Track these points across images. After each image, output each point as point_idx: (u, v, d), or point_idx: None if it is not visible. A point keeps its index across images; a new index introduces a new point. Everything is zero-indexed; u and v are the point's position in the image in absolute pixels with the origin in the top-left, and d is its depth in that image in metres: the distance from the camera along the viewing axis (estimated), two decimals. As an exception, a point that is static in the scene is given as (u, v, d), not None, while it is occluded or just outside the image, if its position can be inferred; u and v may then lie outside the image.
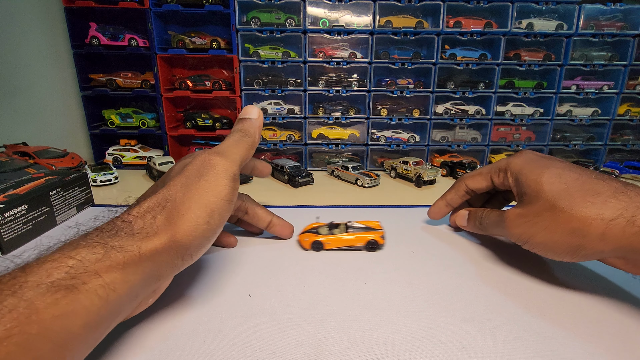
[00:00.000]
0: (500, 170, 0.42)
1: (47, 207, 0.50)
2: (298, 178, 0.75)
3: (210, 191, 0.28)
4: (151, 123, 0.93)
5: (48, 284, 0.20)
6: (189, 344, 0.28)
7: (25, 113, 0.97)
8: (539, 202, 0.34)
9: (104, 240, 0.23)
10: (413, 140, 0.95)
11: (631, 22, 0.90)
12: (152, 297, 0.29)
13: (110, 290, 0.22)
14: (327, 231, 0.45)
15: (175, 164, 0.34)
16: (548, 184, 0.34)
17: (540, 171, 0.35)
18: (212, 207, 0.28)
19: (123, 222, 0.26)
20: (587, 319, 0.31)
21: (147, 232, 0.25)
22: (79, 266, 0.21)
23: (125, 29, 0.87)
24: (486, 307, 0.33)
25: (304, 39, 0.87)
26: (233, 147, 0.32)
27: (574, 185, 0.32)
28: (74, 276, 0.21)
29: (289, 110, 0.93)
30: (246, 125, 0.35)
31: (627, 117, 0.96)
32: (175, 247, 0.26)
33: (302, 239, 0.45)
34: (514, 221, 0.36)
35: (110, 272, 0.22)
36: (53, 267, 0.21)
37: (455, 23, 0.88)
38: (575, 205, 0.31)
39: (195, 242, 0.27)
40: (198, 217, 0.27)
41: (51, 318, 0.19)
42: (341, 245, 0.44)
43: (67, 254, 0.22)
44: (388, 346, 0.28)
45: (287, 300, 0.34)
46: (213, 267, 0.40)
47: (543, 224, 0.33)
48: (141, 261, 0.24)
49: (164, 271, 0.27)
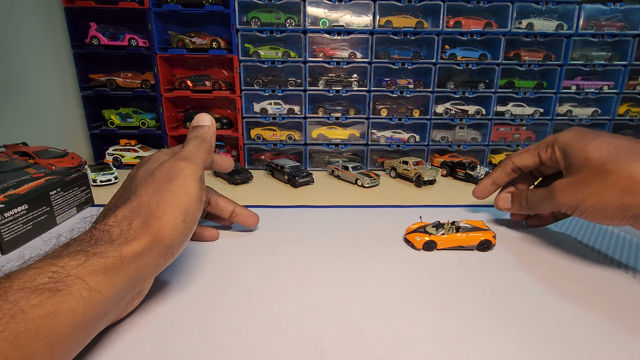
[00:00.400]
0: (548, 145, 0.42)
1: (47, 207, 0.50)
2: (298, 178, 0.75)
3: (182, 192, 0.31)
4: (151, 123, 0.93)
5: (32, 288, 0.21)
6: (189, 344, 0.28)
7: (25, 113, 0.97)
8: (587, 169, 0.35)
9: (84, 248, 0.25)
10: (413, 140, 0.95)
11: (631, 22, 0.90)
12: (137, 299, 0.30)
13: (94, 292, 0.23)
14: (435, 231, 0.45)
15: (137, 170, 0.36)
16: (596, 151, 0.35)
17: (588, 141, 0.36)
18: (186, 206, 0.30)
19: (100, 231, 0.27)
20: (587, 319, 0.31)
21: (126, 238, 0.27)
22: (61, 272, 0.22)
23: (125, 29, 0.87)
24: (486, 307, 0.33)
25: (304, 39, 0.87)
26: (195, 152, 0.35)
27: (622, 149, 0.33)
28: (58, 280, 0.22)
29: (289, 110, 0.93)
30: (202, 132, 0.38)
31: (627, 117, 0.96)
32: (157, 247, 0.28)
33: (413, 238, 0.44)
34: (563, 189, 0.37)
35: (93, 276, 0.23)
36: (36, 273, 0.22)
37: (455, 23, 0.88)
38: (624, 166, 0.32)
39: (176, 240, 0.30)
40: (175, 217, 0.29)
41: (37, 317, 0.20)
42: (454, 245, 0.44)
43: (49, 261, 0.23)
44: (388, 346, 0.28)
45: (287, 300, 0.34)
46: (213, 267, 0.40)
47: (592, 188, 0.34)
48: (123, 264, 0.25)
49: (148, 272, 0.28)
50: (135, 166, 0.37)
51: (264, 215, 0.51)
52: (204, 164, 0.35)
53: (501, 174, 0.48)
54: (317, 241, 0.47)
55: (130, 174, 0.37)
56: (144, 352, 0.27)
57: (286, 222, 0.53)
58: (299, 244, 0.46)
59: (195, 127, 0.38)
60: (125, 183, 0.37)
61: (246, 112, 0.93)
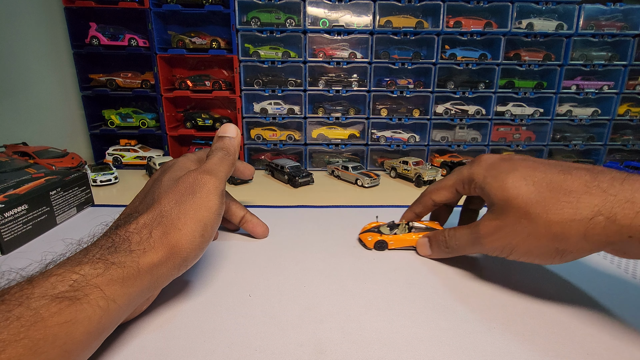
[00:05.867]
0: (464, 182, 0.39)
1: (47, 207, 0.50)
2: (298, 178, 0.75)
3: (204, 207, 0.31)
4: (151, 123, 0.93)
5: (53, 296, 0.21)
6: (189, 344, 0.28)
7: (25, 113, 0.97)
8: (512, 211, 0.32)
9: (104, 257, 0.25)
10: (413, 140, 0.95)
11: (631, 22, 0.90)
12: (146, 304, 0.31)
13: (110, 301, 0.24)
14: (388, 231, 0.45)
15: (161, 175, 0.36)
16: (515, 189, 0.32)
17: (503, 177, 0.33)
18: (205, 220, 0.31)
19: (121, 238, 0.27)
20: (587, 318, 0.31)
21: (144, 248, 0.27)
22: (81, 280, 0.23)
23: (125, 29, 0.87)
24: (486, 307, 0.33)
25: (304, 39, 0.87)
26: (219, 166, 0.35)
27: (541, 185, 0.31)
28: (77, 289, 0.22)
29: (289, 110, 0.93)
30: (227, 144, 0.38)
31: (627, 117, 0.96)
32: (173, 259, 0.29)
33: (365, 238, 0.44)
34: (492, 235, 0.34)
35: (110, 285, 0.24)
36: (58, 280, 0.22)
37: (455, 23, 0.88)
38: (550, 209, 0.29)
39: (192, 254, 0.30)
40: (194, 231, 0.30)
41: (55, 325, 0.20)
42: (405, 245, 0.44)
43: (70, 269, 0.23)
44: (388, 346, 0.28)
45: (287, 300, 0.34)
46: (213, 267, 0.40)
47: (524, 233, 0.31)
48: (140, 275, 0.26)
49: (161, 281, 0.29)
50: (160, 169, 0.37)
51: (264, 216, 0.51)
52: (226, 177, 0.36)
53: (423, 209, 0.45)
54: (317, 241, 0.47)
55: (154, 177, 0.37)
56: (144, 351, 0.27)
57: (286, 222, 0.53)
58: (298, 244, 0.46)
59: (220, 138, 0.38)
60: (147, 186, 0.36)
61: (246, 112, 0.93)
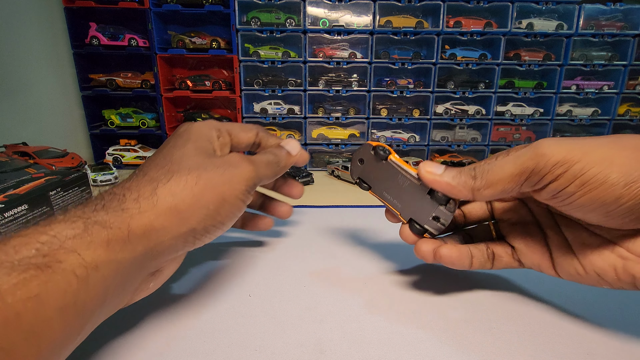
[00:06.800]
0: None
1: (47, 207, 0.50)
2: (298, 178, 0.75)
3: (228, 184, 0.27)
4: (151, 123, 0.93)
5: (14, 263, 0.16)
6: (189, 344, 0.28)
7: (25, 113, 0.97)
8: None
9: (86, 214, 0.20)
10: (413, 140, 0.95)
11: (631, 22, 0.90)
12: (152, 281, 0.25)
13: (91, 269, 0.18)
14: None
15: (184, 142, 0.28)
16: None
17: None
18: (225, 197, 0.26)
19: (114, 195, 0.22)
20: (587, 318, 0.31)
21: (142, 206, 0.22)
22: (52, 242, 0.18)
23: (125, 29, 0.87)
24: (486, 307, 0.33)
25: (304, 39, 0.87)
26: (264, 166, 0.32)
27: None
28: (46, 254, 0.17)
29: (289, 110, 0.93)
30: (284, 156, 0.35)
31: (627, 117, 0.96)
32: (179, 226, 0.23)
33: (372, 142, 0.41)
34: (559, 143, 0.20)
35: (90, 249, 0.19)
36: (21, 243, 0.17)
37: (455, 23, 0.88)
38: None
39: (201, 225, 0.25)
40: (209, 202, 0.25)
41: (18, 302, 0.16)
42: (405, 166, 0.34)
43: (39, 229, 0.18)
44: (388, 346, 0.28)
45: (287, 300, 0.34)
46: (213, 266, 0.40)
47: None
48: (130, 239, 0.21)
49: (162, 253, 0.23)
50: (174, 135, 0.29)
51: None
52: (263, 179, 0.32)
53: None
54: (316, 241, 0.47)
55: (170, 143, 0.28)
56: (144, 351, 0.27)
57: (286, 222, 0.53)
58: (298, 243, 0.46)
59: (280, 147, 0.35)
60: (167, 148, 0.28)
61: (246, 112, 0.93)
